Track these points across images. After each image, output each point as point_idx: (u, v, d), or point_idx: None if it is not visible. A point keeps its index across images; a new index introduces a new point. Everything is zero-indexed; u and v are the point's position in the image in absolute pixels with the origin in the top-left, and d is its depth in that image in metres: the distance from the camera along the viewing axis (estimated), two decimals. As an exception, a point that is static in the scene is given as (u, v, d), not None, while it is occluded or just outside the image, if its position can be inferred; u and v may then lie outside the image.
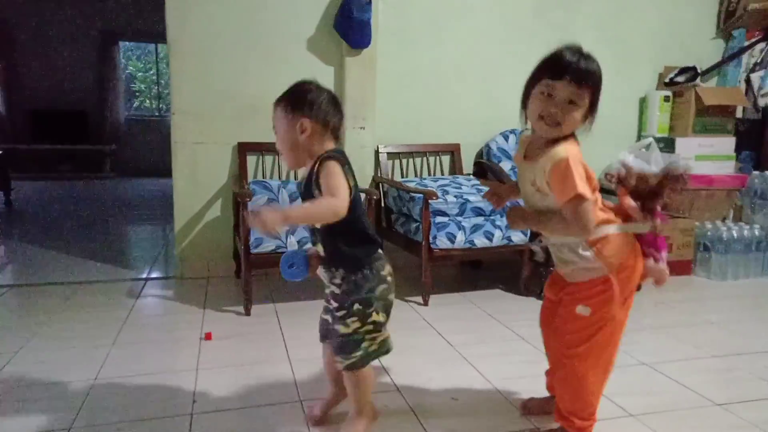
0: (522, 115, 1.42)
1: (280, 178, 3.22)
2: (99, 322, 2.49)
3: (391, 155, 3.43)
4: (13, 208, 5.63)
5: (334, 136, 1.47)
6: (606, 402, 1.51)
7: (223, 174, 3.19)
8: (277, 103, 1.47)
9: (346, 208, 1.35)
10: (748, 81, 3.89)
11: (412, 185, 3.02)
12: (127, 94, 9.44)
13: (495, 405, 1.80)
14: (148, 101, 10.07)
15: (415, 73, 3.46)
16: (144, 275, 3.27)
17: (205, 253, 3.22)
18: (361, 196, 1.89)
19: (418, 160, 3.51)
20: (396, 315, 1.59)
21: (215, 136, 3.14)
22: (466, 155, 3.55)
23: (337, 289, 1.49)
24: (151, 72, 9.88)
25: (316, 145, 1.44)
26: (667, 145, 3.72)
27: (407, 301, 2.85)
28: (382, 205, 3.29)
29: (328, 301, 1.53)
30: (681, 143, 3.66)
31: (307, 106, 1.43)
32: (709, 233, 3.38)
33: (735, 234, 3.33)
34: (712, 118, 3.72)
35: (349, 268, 1.46)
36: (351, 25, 3.08)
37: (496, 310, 2.74)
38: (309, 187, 1.43)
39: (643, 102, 3.93)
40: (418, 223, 2.83)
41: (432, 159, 3.51)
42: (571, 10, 3.66)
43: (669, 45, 3.93)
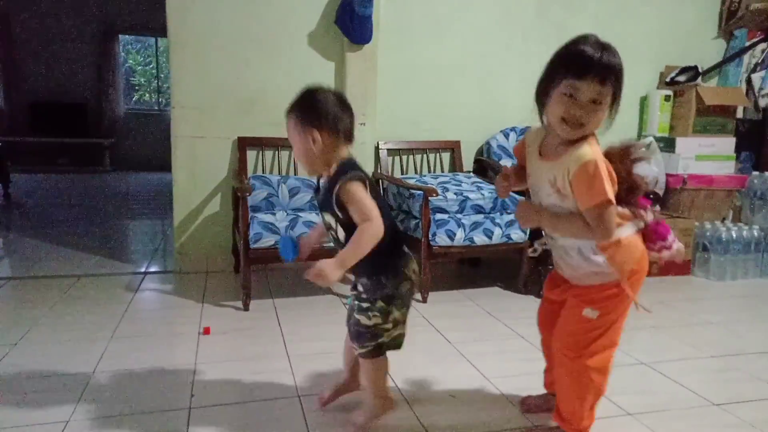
0: (538, 113, 1.35)
1: (279, 173, 3.22)
2: (97, 315, 2.49)
3: (392, 152, 3.43)
4: (11, 200, 5.62)
5: (346, 139, 1.48)
6: (604, 401, 1.51)
7: (223, 168, 3.19)
8: (288, 115, 1.49)
9: (382, 225, 1.39)
10: (749, 81, 3.89)
11: (412, 182, 3.02)
12: (127, 88, 9.41)
13: (493, 402, 1.80)
14: (147, 95, 10.05)
15: (415, 70, 3.46)
16: (143, 269, 3.27)
17: (204, 248, 3.22)
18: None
19: (419, 156, 3.50)
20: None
21: (215, 130, 3.14)
22: (466, 152, 3.55)
23: (362, 286, 1.51)
24: (150, 66, 9.86)
25: (329, 153, 1.46)
26: (667, 144, 3.72)
27: (406, 297, 2.85)
28: (382, 201, 3.28)
29: (355, 288, 1.56)
30: (681, 143, 3.66)
31: (315, 117, 1.44)
32: (708, 233, 3.38)
33: (734, 234, 3.33)
34: (712, 118, 3.72)
35: (375, 270, 1.48)
36: (352, 21, 3.07)
37: (495, 307, 2.74)
38: (328, 200, 1.45)
39: (643, 101, 3.93)
40: (417, 220, 2.83)
41: (432, 156, 3.51)
42: (572, 8, 3.65)
43: (670, 44, 3.93)
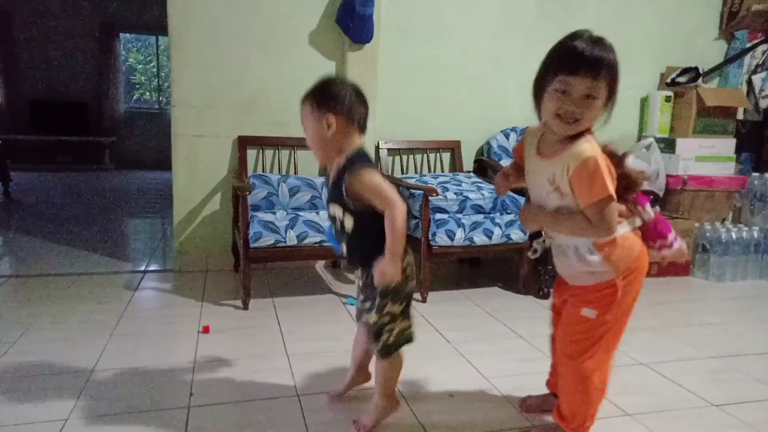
0: (536, 111, 1.35)
1: (279, 172, 3.22)
2: (97, 313, 2.49)
3: (392, 151, 3.43)
4: (12, 198, 5.61)
5: (360, 129, 1.50)
6: (603, 401, 1.51)
7: (223, 167, 3.18)
8: (304, 101, 1.50)
9: (404, 203, 1.40)
10: (750, 82, 3.89)
11: (412, 182, 3.02)
12: (127, 86, 9.41)
13: (492, 402, 1.80)
14: (148, 93, 10.04)
15: (416, 70, 3.46)
16: (142, 268, 3.27)
17: (204, 247, 3.22)
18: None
19: (419, 156, 3.50)
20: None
21: (215, 129, 3.14)
22: (466, 152, 3.55)
23: (362, 282, 1.54)
24: (151, 64, 9.85)
25: (343, 140, 1.47)
26: (667, 145, 3.72)
27: (405, 297, 2.85)
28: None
29: (359, 287, 1.58)
30: (681, 144, 3.66)
31: (332, 101, 1.45)
32: (708, 234, 3.38)
33: (734, 235, 3.33)
34: (713, 119, 3.71)
35: (370, 264, 1.48)
36: (353, 20, 3.06)
37: (494, 307, 2.74)
38: (338, 191, 1.45)
39: (644, 102, 3.92)
40: (417, 220, 2.83)
41: (432, 156, 3.51)
42: (572, 8, 3.65)
43: (671, 45, 3.93)
